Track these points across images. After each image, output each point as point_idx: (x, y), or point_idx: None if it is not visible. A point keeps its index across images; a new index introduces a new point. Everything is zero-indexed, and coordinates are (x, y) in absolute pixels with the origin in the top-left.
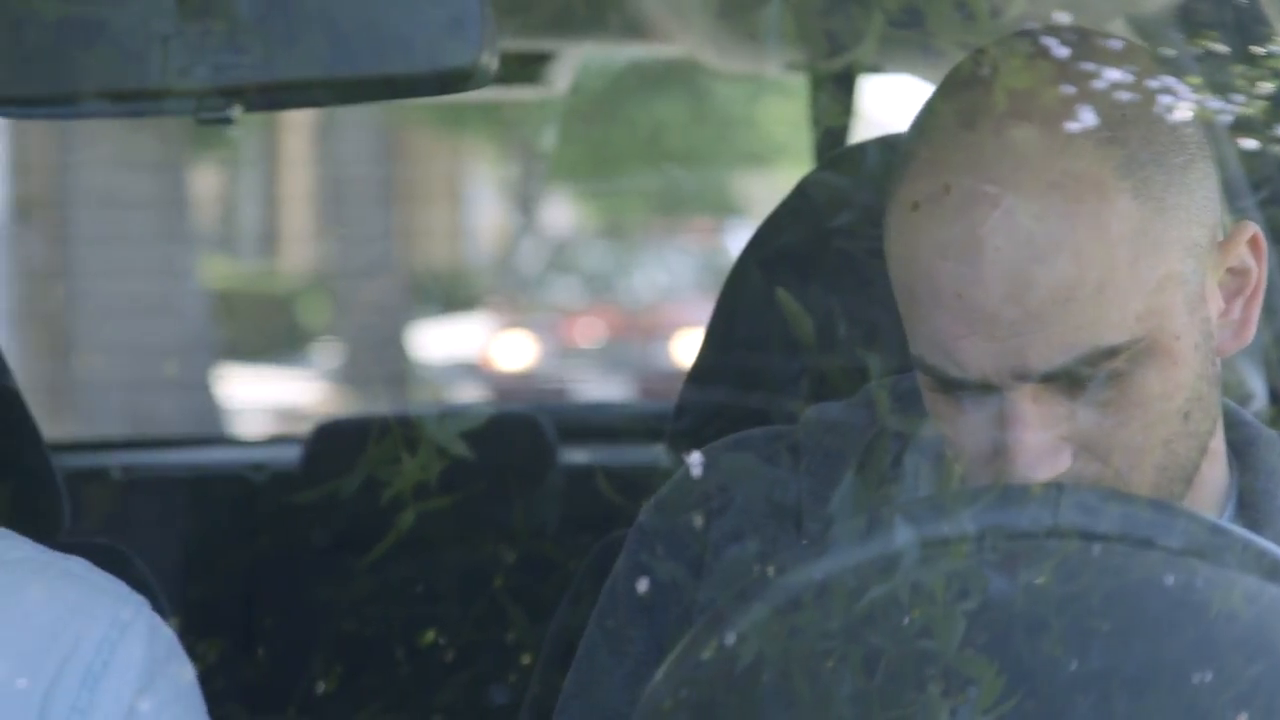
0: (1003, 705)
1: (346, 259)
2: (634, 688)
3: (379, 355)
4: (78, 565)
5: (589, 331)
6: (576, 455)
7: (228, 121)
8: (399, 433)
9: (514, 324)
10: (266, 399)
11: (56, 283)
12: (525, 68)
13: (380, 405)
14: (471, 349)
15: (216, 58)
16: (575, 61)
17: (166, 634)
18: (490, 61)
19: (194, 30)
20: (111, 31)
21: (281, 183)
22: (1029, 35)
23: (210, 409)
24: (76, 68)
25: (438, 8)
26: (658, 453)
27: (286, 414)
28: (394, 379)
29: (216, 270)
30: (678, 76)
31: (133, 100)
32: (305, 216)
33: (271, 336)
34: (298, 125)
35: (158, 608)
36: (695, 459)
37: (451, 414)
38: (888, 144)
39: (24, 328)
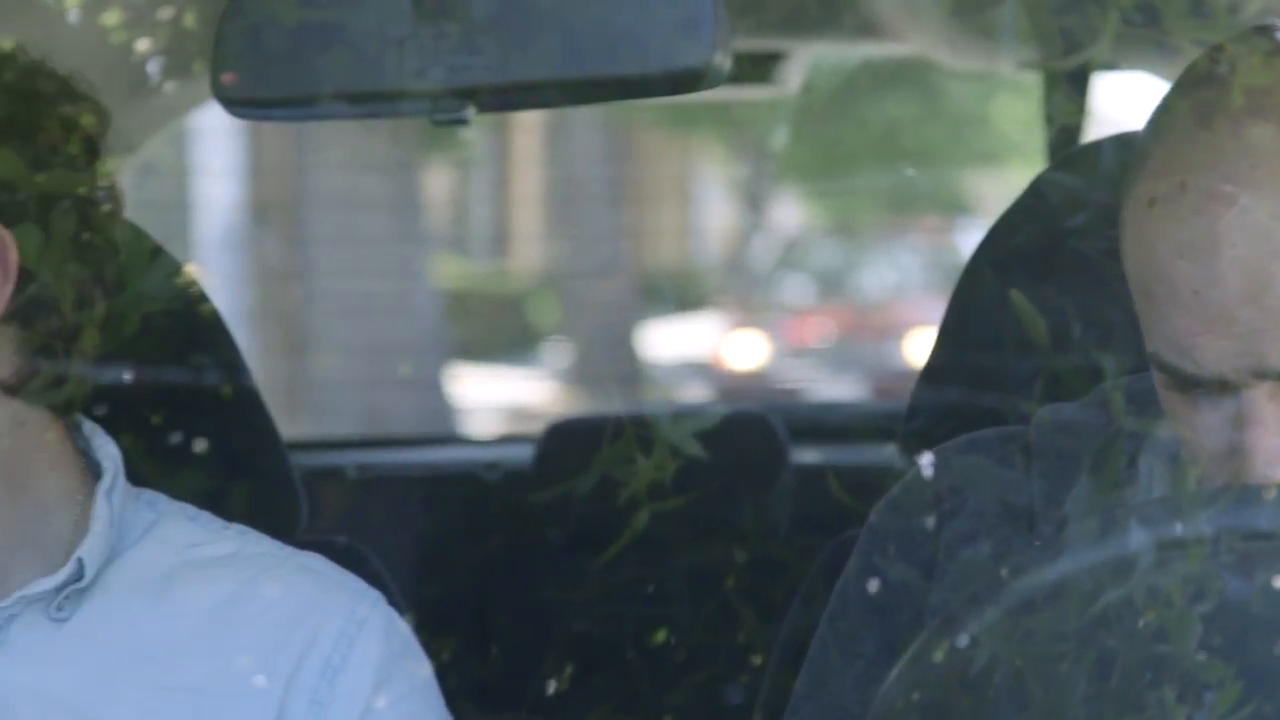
0: (1240, 710)
1: (577, 259)
2: (865, 689)
3: (609, 355)
4: (314, 560)
5: (819, 330)
6: (808, 455)
7: (462, 122)
8: (633, 432)
9: (744, 323)
10: (497, 398)
11: (293, 283)
12: (757, 67)
13: (610, 405)
14: (702, 348)
15: (451, 59)
16: (807, 60)
17: (402, 629)
18: (723, 61)
19: (429, 32)
20: (348, 34)
21: (512, 183)
22: (1267, 31)
23: (442, 408)
24: (314, 70)
25: (671, 8)
26: (889, 453)
27: (516, 413)
28: (624, 379)
29: (448, 270)
30: (910, 75)
31: (369, 102)
32: (536, 216)
33: (502, 336)
34: (529, 126)
35: (393, 604)
36: (927, 460)
37: (684, 414)
38: (1123, 142)
39: (261, 328)
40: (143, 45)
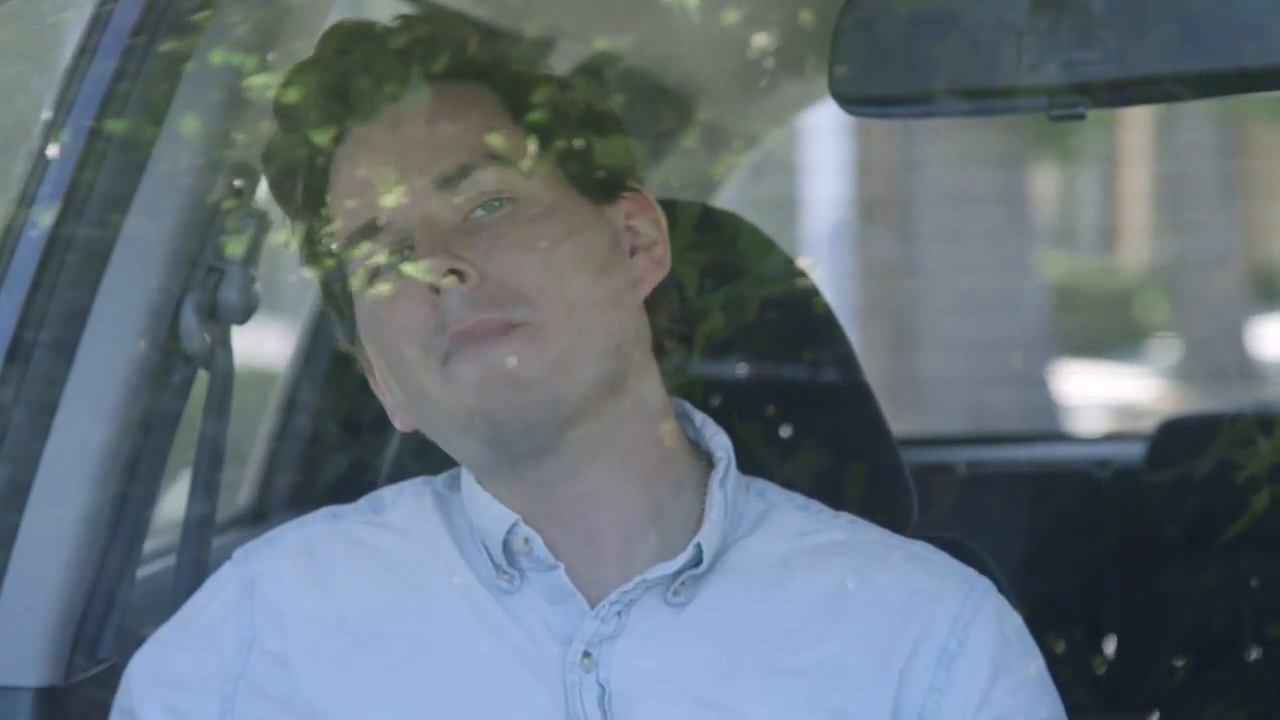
0: None
1: (1186, 254)
2: None
3: (1219, 352)
4: (924, 548)
5: None
6: None
7: (1079, 117)
8: (1252, 418)
9: None
10: (1102, 395)
11: (900, 279)
12: None
13: (1220, 403)
14: None
15: (1068, 53)
16: None
17: (1015, 618)
18: None
19: (1046, 26)
20: (964, 27)
21: (1121, 178)
22: None
23: (1047, 405)
24: (929, 65)
25: None
26: None
27: (1122, 410)
28: (1234, 376)
29: (1055, 266)
30: None
31: (984, 98)
32: (1144, 212)
33: (1108, 333)
34: (1138, 120)
35: (1001, 594)
36: None
37: None
38: None
39: (869, 323)
40: (759, 42)
